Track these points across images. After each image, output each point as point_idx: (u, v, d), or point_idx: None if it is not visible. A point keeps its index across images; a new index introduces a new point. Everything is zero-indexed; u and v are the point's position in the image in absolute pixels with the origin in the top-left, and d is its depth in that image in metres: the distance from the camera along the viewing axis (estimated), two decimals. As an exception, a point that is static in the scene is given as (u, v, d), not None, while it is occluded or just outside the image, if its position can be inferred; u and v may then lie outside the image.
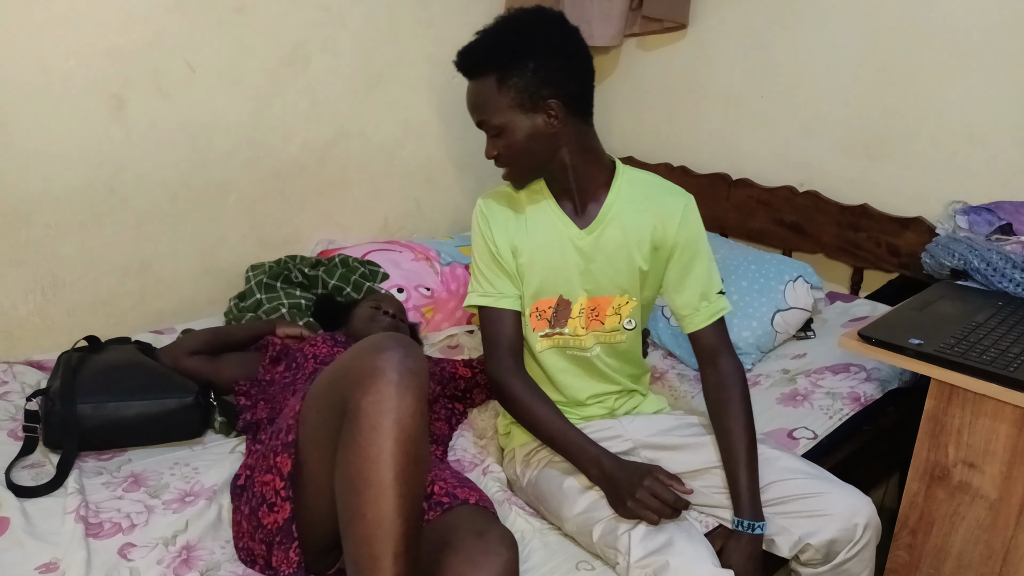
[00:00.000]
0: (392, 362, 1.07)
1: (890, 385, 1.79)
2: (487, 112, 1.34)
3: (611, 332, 1.47)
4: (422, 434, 1.08)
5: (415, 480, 1.07)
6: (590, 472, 1.32)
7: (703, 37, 2.48)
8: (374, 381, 1.06)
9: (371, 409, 1.05)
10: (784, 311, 1.97)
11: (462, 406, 1.73)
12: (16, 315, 1.87)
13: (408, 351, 1.10)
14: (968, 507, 1.39)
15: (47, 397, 1.51)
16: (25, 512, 1.32)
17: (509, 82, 1.31)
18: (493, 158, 1.40)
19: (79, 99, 1.82)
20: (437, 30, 2.37)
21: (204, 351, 1.71)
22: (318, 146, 2.25)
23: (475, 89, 1.36)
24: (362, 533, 1.04)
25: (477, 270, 1.47)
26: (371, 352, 1.10)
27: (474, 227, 1.48)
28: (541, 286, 1.44)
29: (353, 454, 1.06)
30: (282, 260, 2.14)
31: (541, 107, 1.33)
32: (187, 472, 1.48)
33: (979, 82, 1.94)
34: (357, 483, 1.05)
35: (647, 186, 1.45)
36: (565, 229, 1.43)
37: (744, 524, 1.30)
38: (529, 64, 1.30)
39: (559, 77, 1.32)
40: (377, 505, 1.03)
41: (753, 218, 2.40)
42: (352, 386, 1.08)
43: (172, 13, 1.90)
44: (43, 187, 1.83)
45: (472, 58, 1.34)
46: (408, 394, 1.06)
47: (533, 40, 1.32)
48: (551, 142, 1.36)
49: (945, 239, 1.77)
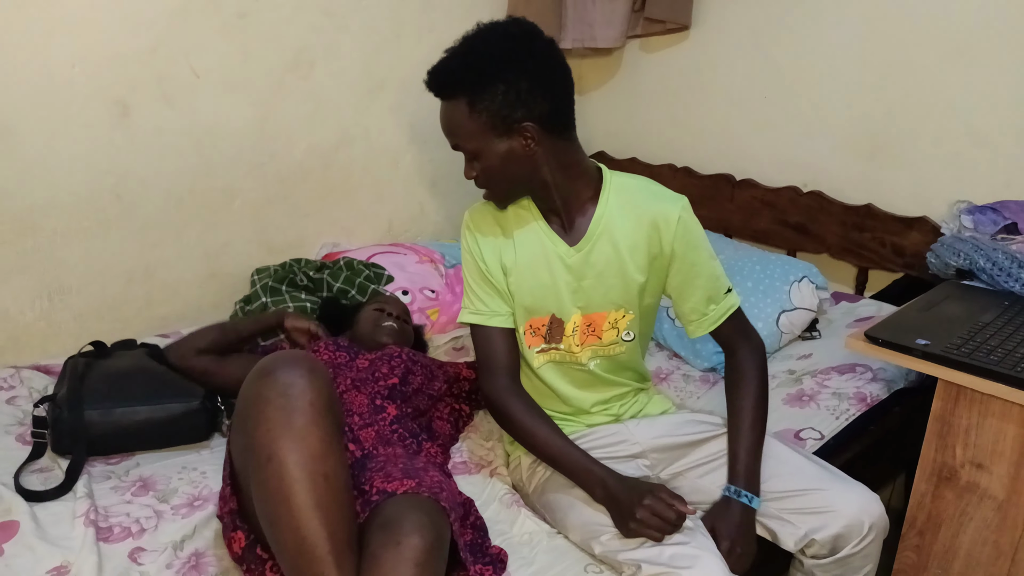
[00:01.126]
0: (275, 386, 1.07)
1: (896, 385, 1.79)
2: (460, 136, 1.30)
3: (609, 346, 1.45)
4: (325, 448, 1.06)
5: (328, 495, 1.05)
6: (594, 492, 1.30)
7: (706, 38, 2.48)
8: (261, 409, 1.06)
9: (263, 439, 1.05)
10: (789, 312, 1.97)
11: (468, 408, 1.74)
12: (23, 320, 1.88)
13: (292, 368, 1.09)
14: (976, 508, 1.39)
15: (54, 404, 1.52)
16: (35, 516, 1.32)
17: (479, 106, 1.26)
18: (472, 179, 1.36)
19: (84, 105, 1.83)
20: (439, 34, 2.36)
21: (212, 350, 1.68)
22: (322, 150, 2.26)
23: (446, 112, 1.30)
24: (293, 563, 1.04)
25: (467, 287, 1.45)
26: (255, 380, 1.10)
27: (462, 243, 1.46)
28: (532, 305, 1.41)
29: (260, 490, 1.06)
30: (287, 264, 2.14)
31: (516, 130, 1.27)
32: (195, 477, 1.49)
33: (982, 81, 1.94)
34: (271, 518, 1.05)
35: (637, 193, 1.39)
36: (553, 247, 1.39)
37: (735, 491, 1.31)
38: (499, 87, 1.24)
39: (531, 99, 1.26)
40: (295, 534, 1.03)
41: (757, 219, 2.40)
42: (244, 420, 1.08)
43: (176, 19, 1.91)
44: (49, 193, 1.83)
45: (440, 80, 1.29)
46: (296, 415, 1.05)
47: (502, 62, 1.25)
48: (529, 163, 1.31)
49: (950, 239, 1.77)
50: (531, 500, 1.46)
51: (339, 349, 1.67)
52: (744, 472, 1.33)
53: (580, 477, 1.32)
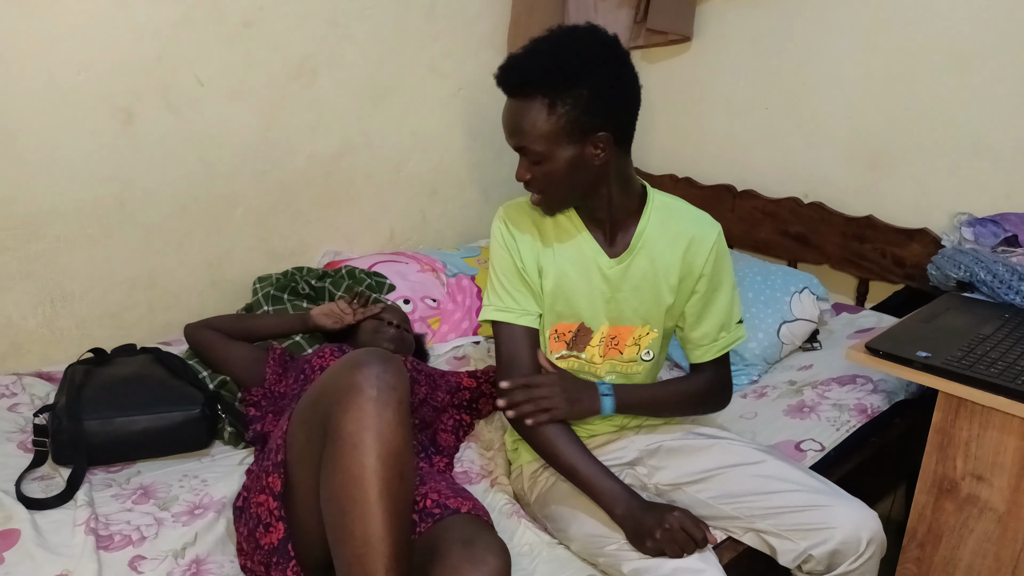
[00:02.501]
0: (370, 378, 1.07)
1: (897, 396, 1.79)
2: (530, 138, 1.24)
3: (628, 363, 1.45)
4: (405, 448, 1.07)
5: (401, 495, 1.06)
6: (614, 510, 1.28)
7: (707, 49, 2.49)
8: (353, 398, 1.06)
9: (351, 427, 1.05)
10: (790, 322, 1.98)
11: (468, 417, 1.74)
12: (25, 327, 1.88)
13: (387, 366, 1.10)
14: (977, 520, 1.39)
15: (54, 414, 1.52)
16: (36, 524, 1.32)
17: (559, 109, 1.21)
18: (524, 182, 1.31)
19: (89, 113, 1.84)
20: (443, 43, 2.39)
21: (223, 330, 1.76)
22: (325, 158, 2.26)
23: (518, 110, 1.24)
24: (352, 552, 1.04)
25: (498, 283, 1.40)
26: (349, 369, 1.10)
27: (496, 238, 1.41)
28: (564, 311, 1.40)
29: (336, 473, 1.06)
30: (289, 272, 2.15)
31: (589, 139, 1.24)
32: (196, 484, 1.49)
33: (983, 93, 1.95)
34: (343, 502, 1.05)
35: (676, 213, 1.40)
36: (594, 256, 1.38)
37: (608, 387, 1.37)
38: (584, 91, 1.21)
39: (611, 108, 1.24)
40: (364, 524, 1.03)
41: (758, 229, 2.40)
42: (332, 404, 1.08)
43: (181, 28, 1.92)
44: (52, 200, 1.84)
45: (520, 76, 1.23)
46: (388, 409, 1.06)
47: (590, 65, 1.22)
48: (593, 173, 1.29)
49: (951, 251, 1.77)
50: (532, 509, 1.46)
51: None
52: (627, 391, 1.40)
53: (599, 492, 1.29)
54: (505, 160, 2.62)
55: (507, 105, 1.27)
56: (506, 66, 1.25)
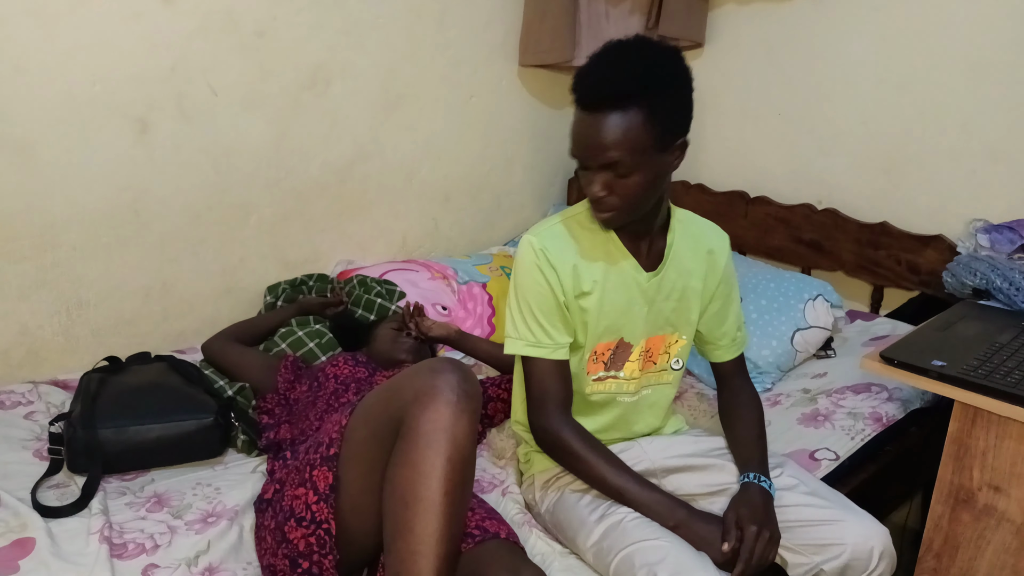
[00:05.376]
0: (451, 383, 1.11)
1: (912, 405, 1.78)
2: (625, 149, 1.18)
3: (660, 372, 1.46)
4: (472, 457, 1.12)
5: (461, 502, 1.10)
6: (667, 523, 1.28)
7: (720, 55, 2.48)
8: (433, 399, 1.09)
9: (428, 426, 1.08)
10: (804, 330, 1.96)
11: (480, 427, 1.73)
12: (41, 335, 1.90)
13: (465, 376, 1.14)
14: (994, 531, 1.37)
15: (69, 423, 1.53)
16: (50, 533, 1.33)
17: (658, 117, 1.18)
18: (599, 198, 1.25)
19: (104, 123, 1.86)
20: (454, 52, 2.39)
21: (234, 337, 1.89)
22: (338, 167, 2.27)
23: (611, 124, 1.17)
24: (408, 547, 1.06)
25: (529, 316, 1.34)
26: (430, 373, 1.14)
27: (529, 270, 1.33)
28: (606, 330, 1.38)
29: (406, 468, 1.08)
30: (296, 280, 2.17)
31: (672, 146, 1.23)
32: (209, 492, 1.49)
33: (999, 99, 1.93)
34: (408, 497, 1.07)
35: (693, 224, 1.44)
36: (634, 273, 1.36)
37: (754, 476, 1.31)
38: (674, 96, 1.20)
39: (688, 113, 1.23)
40: (425, 520, 1.06)
41: (771, 236, 2.39)
42: (410, 403, 1.11)
43: (195, 39, 1.93)
44: (68, 210, 1.86)
45: (613, 87, 1.17)
46: (464, 416, 1.10)
47: (672, 71, 1.20)
48: (664, 183, 1.28)
49: (966, 258, 1.76)
50: (543, 519, 1.45)
51: (358, 364, 1.68)
52: (758, 462, 1.35)
53: (656, 511, 1.29)
54: (516, 168, 2.63)
55: (590, 120, 1.19)
56: (593, 80, 1.19)
